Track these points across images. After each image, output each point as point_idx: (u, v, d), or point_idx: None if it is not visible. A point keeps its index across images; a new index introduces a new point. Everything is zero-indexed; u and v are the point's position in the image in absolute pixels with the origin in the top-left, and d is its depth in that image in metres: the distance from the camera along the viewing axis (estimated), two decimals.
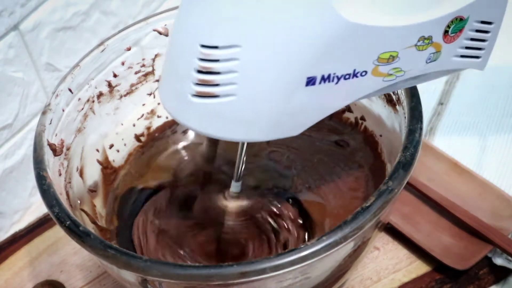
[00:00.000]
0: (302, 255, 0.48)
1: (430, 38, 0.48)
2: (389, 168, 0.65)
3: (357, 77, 0.47)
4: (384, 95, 0.64)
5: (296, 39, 0.45)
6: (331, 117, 0.65)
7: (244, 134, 0.49)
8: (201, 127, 0.48)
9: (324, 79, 0.46)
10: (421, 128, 0.56)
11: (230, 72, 0.45)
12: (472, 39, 0.51)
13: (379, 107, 0.66)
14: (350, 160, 0.72)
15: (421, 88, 0.87)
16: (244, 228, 0.67)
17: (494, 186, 0.73)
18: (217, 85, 0.46)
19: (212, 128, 0.48)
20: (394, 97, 0.62)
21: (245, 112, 0.47)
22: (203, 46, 0.45)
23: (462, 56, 0.52)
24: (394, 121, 0.62)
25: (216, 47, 0.45)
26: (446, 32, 0.48)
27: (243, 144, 0.58)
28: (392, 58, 0.48)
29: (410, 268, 0.70)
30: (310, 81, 0.46)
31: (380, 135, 0.68)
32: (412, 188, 0.75)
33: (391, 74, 0.49)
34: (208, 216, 0.67)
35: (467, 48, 0.51)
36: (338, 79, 0.47)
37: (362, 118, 0.71)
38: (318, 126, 0.54)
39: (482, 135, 0.82)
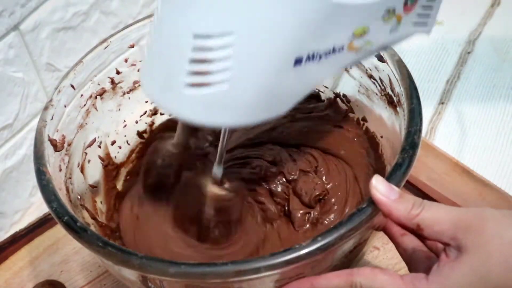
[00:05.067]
0: (297, 255, 0.48)
1: (394, 10, 0.52)
2: (389, 169, 0.64)
3: (335, 53, 0.50)
4: (386, 96, 0.64)
5: (286, 21, 0.46)
6: None
7: (236, 119, 0.50)
8: (193, 117, 0.48)
9: (309, 58, 0.48)
10: (419, 130, 0.56)
11: (224, 60, 0.45)
12: (423, 7, 0.55)
13: (380, 108, 0.66)
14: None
15: (422, 87, 0.88)
16: (228, 210, 0.66)
17: (495, 186, 0.73)
18: (210, 73, 0.46)
19: (204, 117, 0.48)
20: (395, 98, 0.62)
21: (238, 97, 0.48)
22: (196, 36, 0.45)
23: (415, 24, 0.56)
24: (395, 122, 0.62)
25: (210, 36, 0.45)
26: (405, 3, 0.53)
27: (226, 128, 0.58)
28: (364, 32, 0.51)
29: None
30: (298, 62, 0.48)
31: (381, 136, 0.68)
32: (413, 188, 0.75)
33: (362, 47, 0.52)
34: (190, 202, 0.66)
35: (418, 15, 0.55)
36: (320, 57, 0.49)
37: (364, 119, 0.71)
38: None
39: (483, 135, 0.82)
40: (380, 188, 0.51)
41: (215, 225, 0.64)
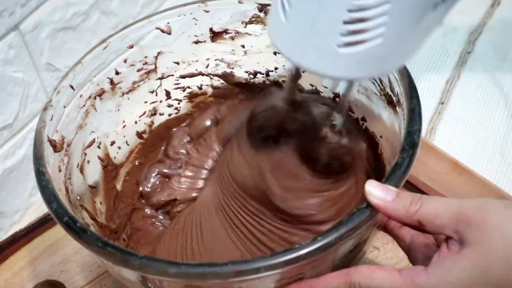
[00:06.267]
0: (297, 255, 0.48)
1: None
2: (388, 169, 0.64)
3: None
4: (385, 96, 0.64)
5: None
6: None
7: (384, 69, 0.53)
8: (347, 74, 0.50)
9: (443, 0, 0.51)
10: (419, 130, 0.56)
11: (381, 16, 0.46)
12: None
13: (380, 108, 0.66)
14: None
15: (422, 87, 0.88)
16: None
17: (494, 186, 0.73)
18: (366, 31, 0.47)
19: (358, 72, 0.50)
20: (394, 98, 0.62)
21: (391, 48, 0.49)
22: None
23: None
24: (394, 122, 0.62)
25: None
26: None
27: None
28: None
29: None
30: (436, 4, 0.50)
31: (381, 136, 0.68)
32: (413, 188, 0.75)
33: None
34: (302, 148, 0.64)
35: None
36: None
37: (363, 119, 0.71)
38: None
39: (483, 135, 0.82)
40: (375, 192, 0.51)
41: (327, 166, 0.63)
